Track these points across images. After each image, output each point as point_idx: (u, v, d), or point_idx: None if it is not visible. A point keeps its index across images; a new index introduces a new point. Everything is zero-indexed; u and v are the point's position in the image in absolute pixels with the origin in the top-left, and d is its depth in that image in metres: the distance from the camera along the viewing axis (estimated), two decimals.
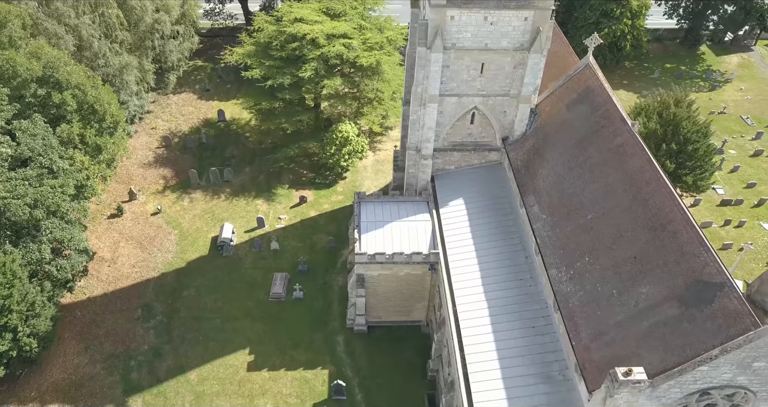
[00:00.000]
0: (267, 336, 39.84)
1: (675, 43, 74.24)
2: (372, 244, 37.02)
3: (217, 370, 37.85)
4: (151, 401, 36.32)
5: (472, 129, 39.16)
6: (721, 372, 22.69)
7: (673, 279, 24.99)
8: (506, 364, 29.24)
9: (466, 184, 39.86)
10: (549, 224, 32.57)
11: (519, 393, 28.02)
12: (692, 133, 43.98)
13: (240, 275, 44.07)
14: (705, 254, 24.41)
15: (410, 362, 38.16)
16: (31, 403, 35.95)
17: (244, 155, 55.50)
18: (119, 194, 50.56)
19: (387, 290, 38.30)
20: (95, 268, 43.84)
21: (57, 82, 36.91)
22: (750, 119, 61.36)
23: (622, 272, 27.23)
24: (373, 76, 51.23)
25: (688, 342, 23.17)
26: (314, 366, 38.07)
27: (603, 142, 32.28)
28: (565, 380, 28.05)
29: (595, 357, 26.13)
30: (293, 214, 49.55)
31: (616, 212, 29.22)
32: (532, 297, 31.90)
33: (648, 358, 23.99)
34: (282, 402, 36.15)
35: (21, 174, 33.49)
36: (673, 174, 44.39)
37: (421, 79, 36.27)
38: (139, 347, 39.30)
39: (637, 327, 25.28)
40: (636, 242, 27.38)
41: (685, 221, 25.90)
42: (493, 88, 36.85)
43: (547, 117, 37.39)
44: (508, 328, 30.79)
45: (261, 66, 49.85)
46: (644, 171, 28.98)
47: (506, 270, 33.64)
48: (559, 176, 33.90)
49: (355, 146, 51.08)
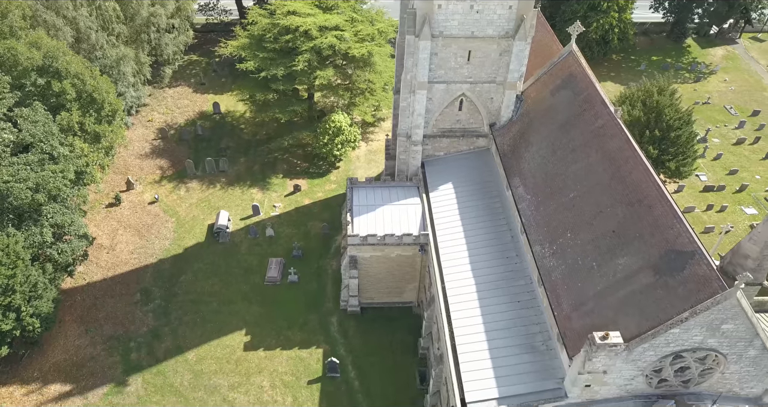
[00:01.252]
0: (263, 318, 41.01)
1: (661, 37, 75.77)
2: (364, 226, 38.23)
3: (215, 350, 39.00)
4: (151, 379, 37.43)
5: (461, 116, 40.40)
6: (692, 335, 24.02)
7: (649, 250, 26.31)
8: (492, 336, 30.50)
9: (455, 169, 41.11)
10: (533, 204, 33.87)
11: (504, 362, 29.26)
12: (674, 120, 45.40)
13: (236, 261, 45.21)
14: (678, 225, 25.73)
15: (402, 341, 39.40)
16: (33, 383, 37.00)
17: (239, 146, 56.62)
18: (117, 184, 51.62)
19: (379, 272, 39.51)
20: (94, 255, 44.91)
21: (57, 71, 37.97)
22: (733, 108, 62.87)
23: (602, 245, 28.55)
24: (364, 67, 52.50)
25: (661, 308, 24.48)
26: (309, 345, 39.26)
27: (585, 125, 33.58)
28: (548, 350, 29.33)
29: (576, 326, 27.43)
30: (288, 202, 50.71)
31: (596, 190, 30.54)
32: (518, 274, 33.20)
33: (624, 324, 25.28)
34: (278, 380, 37.33)
35: (23, 159, 34.55)
36: (657, 160, 45.84)
37: (411, 67, 37.48)
38: (138, 329, 40.39)
39: (615, 295, 26.59)
40: (614, 217, 28.70)
41: (660, 195, 27.22)
42: (480, 75, 38.08)
43: (532, 103, 38.68)
44: (495, 303, 32.06)
45: (255, 58, 51.02)
46: (623, 150, 30.30)
47: (493, 249, 34.93)
48: (543, 158, 35.20)
49: (348, 135, 52.27)
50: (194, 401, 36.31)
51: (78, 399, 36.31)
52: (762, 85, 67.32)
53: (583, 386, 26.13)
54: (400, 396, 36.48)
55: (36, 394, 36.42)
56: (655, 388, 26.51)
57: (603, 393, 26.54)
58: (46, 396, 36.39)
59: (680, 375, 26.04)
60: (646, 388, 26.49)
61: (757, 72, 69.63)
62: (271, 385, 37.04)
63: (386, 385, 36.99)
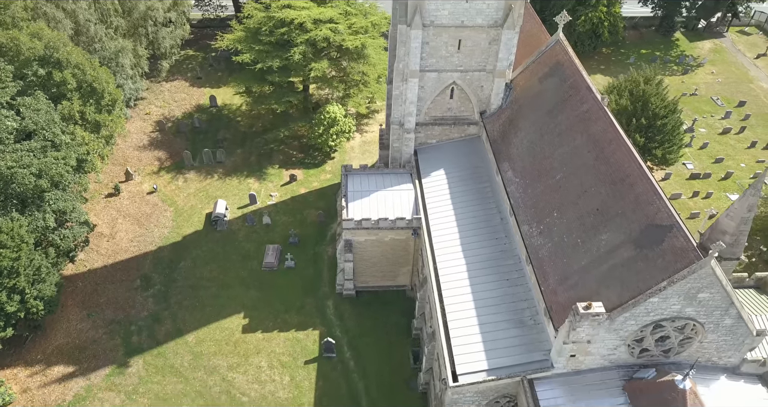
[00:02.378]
0: (260, 302, 42.06)
1: (650, 31, 77.09)
2: (358, 211, 39.34)
3: (214, 333, 40.03)
4: (152, 361, 38.44)
5: (452, 104, 41.54)
6: (670, 304, 25.22)
7: (630, 225, 27.50)
8: (482, 313, 31.66)
9: (446, 156, 42.26)
10: (522, 187, 35.04)
11: (493, 337, 30.42)
12: (660, 108, 46.67)
13: (234, 248, 46.24)
14: (658, 201, 26.93)
15: (396, 322, 40.52)
16: (37, 365, 37.96)
17: (236, 138, 57.62)
18: (116, 174, 52.56)
19: (373, 256, 40.62)
20: (95, 242, 45.86)
21: (57, 61, 38.93)
22: (720, 99, 64.22)
23: (586, 223, 29.74)
24: (358, 59, 53.60)
25: (641, 279, 25.66)
26: (305, 327, 40.34)
27: (571, 109, 34.77)
28: (535, 324, 30.50)
29: (561, 299, 28.60)
30: (284, 191, 51.76)
31: (581, 171, 31.72)
32: (506, 254, 34.37)
33: (607, 295, 26.46)
34: (275, 360, 38.39)
35: (26, 146, 35.54)
36: (644, 148, 47.09)
37: (403, 56, 38.61)
38: (138, 313, 41.38)
39: (598, 269, 27.78)
40: (598, 196, 29.89)
41: (641, 174, 28.42)
42: (470, 64, 39.23)
43: (521, 91, 39.86)
44: (484, 281, 33.21)
45: (251, 51, 52.04)
46: (606, 132, 31.50)
47: (483, 231, 36.08)
48: (531, 143, 36.37)
49: (343, 126, 53.34)
50: (194, 381, 37.34)
51: (81, 379, 37.29)
52: (748, 77, 68.71)
53: (569, 356, 27.32)
54: (395, 375, 37.59)
55: (40, 375, 37.39)
56: (638, 358, 27.70)
57: (587, 363, 27.73)
58: (49, 377, 37.36)
59: (661, 345, 27.24)
60: (629, 358, 27.68)
61: (743, 64, 71.01)
62: (269, 365, 38.11)
63: (381, 365, 38.10)
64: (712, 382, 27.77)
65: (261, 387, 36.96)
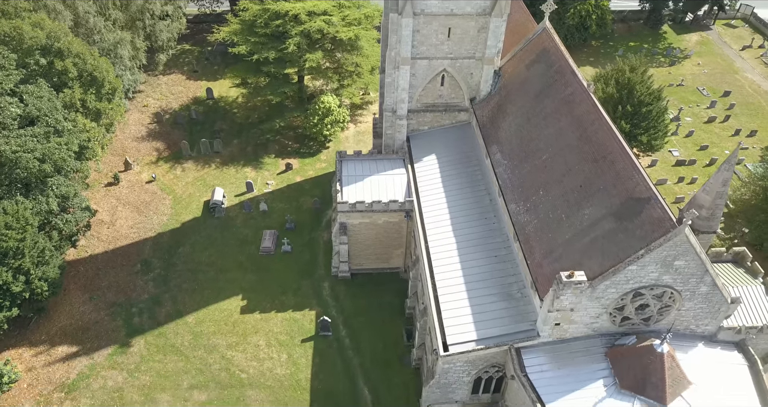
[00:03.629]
0: (258, 285, 43.24)
1: (639, 24, 78.62)
2: (353, 194, 40.56)
3: (213, 314, 41.21)
4: (153, 341, 39.60)
5: (443, 91, 42.82)
6: (648, 271, 26.55)
7: (611, 199, 28.85)
8: (471, 287, 32.96)
9: (438, 142, 43.55)
10: (510, 168, 36.37)
11: (482, 309, 31.73)
12: (645, 95, 48.06)
13: (231, 234, 47.42)
14: (637, 176, 28.27)
15: (390, 302, 41.79)
16: (41, 345, 39.07)
17: (232, 129, 58.79)
18: (115, 164, 53.67)
19: (367, 238, 41.86)
20: (96, 229, 46.97)
21: (59, 50, 40.04)
22: (705, 90, 65.75)
23: (570, 199, 31.07)
24: (352, 50, 54.84)
25: (621, 249, 27.00)
26: (302, 308, 41.56)
27: (556, 93, 36.10)
28: (522, 297, 31.82)
29: (546, 272, 29.91)
30: (280, 180, 52.96)
31: (565, 151, 33.05)
32: (495, 232, 35.69)
33: (589, 265, 27.79)
34: (273, 339, 39.60)
35: (29, 132, 36.64)
36: (629, 134, 48.45)
37: (394, 44, 39.86)
38: (139, 296, 42.53)
39: (581, 242, 29.12)
40: (582, 173, 31.23)
41: (621, 151, 29.76)
42: (460, 52, 40.52)
43: (509, 77, 41.17)
44: (474, 259, 34.52)
45: (247, 42, 53.25)
46: (589, 114, 32.84)
47: (472, 212, 37.40)
48: (519, 126, 37.70)
49: (337, 116, 54.59)
50: (194, 359, 38.51)
51: (84, 359, 38.42)
52: (734, 68, 70.26)
53: (553, 324, 28.64)
54: (389, 352, 38.84)
55: (44, 355, 38.50)
56: (619, 326, 29.05)
57: (572, 331, 29.05)
58: (53, 356, 38.48)
59: (641, 313, 28.58)
60: (611, 326, 29.02)
61: (729, 56, 72.57)
62: (266, 344, 39.31)
63: (375, 342, 39.35)
64: (690, 349, 29.14)
65: (259, 365, 38.17)
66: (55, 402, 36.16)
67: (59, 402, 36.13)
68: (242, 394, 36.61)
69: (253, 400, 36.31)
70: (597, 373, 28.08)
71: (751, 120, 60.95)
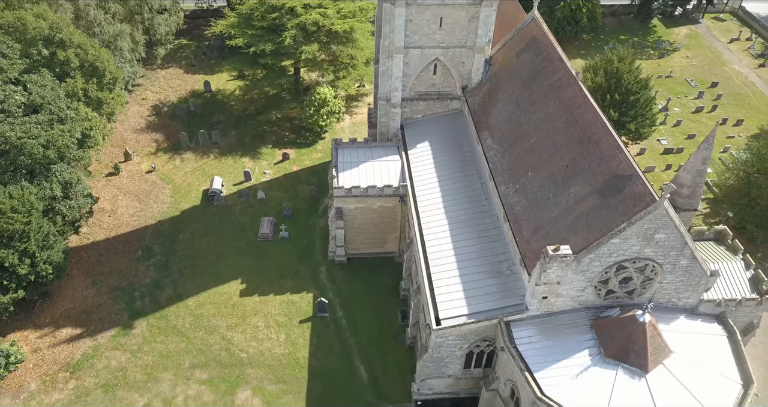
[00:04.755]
0: (257, 269, 44.39)
1: (629, 18, 79.98)
2: (348, 179, 41.76)
3: (213, 297, 42.34)
4: (155, 323, 40.72)
5: (435, 79, 44.03)
6: (630, 245, 27.80)
7: (595, 178, 30.10)
8: (463, 266, 34.19)
9: (431, 129, 44.76)
10: (500, 152, 37.61)
11: (473, 286, 32.96)
12: (633, 84, 49.39)
13: (230, 221, 48.56)
14: (620, 154, 29.53)
15: (385, 285, 43.01)
16: (46, 327, 40.14)
17: (230, 121, 59.89)
18: (115, 155, 54.72)
19: (363, 223, 43.05)
20: (97, 217, 48.02)
21: (61, 41, 41.07)
22: (694, 81, 67.14)
23: (557, 179, 32.32)
24: (347, 43, 55.98)
25: (605, 223, 28.24)
26: (300, 291, 42.73)
27: (544, 79, 37.35)
28: (512, 273, 33.06)
29: (534, 248, 31.15)
30: (277, 169, 54.11)
31: (553, 133, 34.31)
32: (486, 214, 36.93)
33: (575, 240, 29.01)
34: (272, 321, 40.77)
35: (34, 119, 37.68)
36: (618, 122, 49.75)
37: (388, 33, 41.04)
38: (141, 281, 43.63)
39: (567, 218, 30.37)
40: (568, 154, 32.48)
41: (605, 132, 31.02)
42: (451, 41, 41.72)
43: (499, 66, 42.41)
44: (465, 239, 35.75)
45: (244, 35, 54.41)
46: (576, 98, 34.10)
47: (464, 195, 38.64)
48: (509, 112, 38.93)
49: (333, 107, 55.74)
50: (196, 340, 39.64)
51: (88, 340, 39.51)
52: (721, 60, 71.68)
53: (541, 298, 29.88)
54: (384, 332, 40.07)
55: (49, 337, 39.58)
56: (604, 299, 30.30)
57: (558, 305, 30.30)
58: (58, 338, 39.56)
59: (624, 286, 29.84)
60: (597, 300, 30.28)
61: (717, 48, 73.99)
62: (265, 325, 40.48)
63: (371, 323, 40.57)
64: (672, 321, 30.41)
65: (259, 344, 39.34)
66: (61, 381, 37.25)
67: (64, 381, 37.22)
68: (242, 372, 37.76)
69: (253, 378, 37.47)
70: (583, 344, 29.32)
71: (738, 110, 62.36)
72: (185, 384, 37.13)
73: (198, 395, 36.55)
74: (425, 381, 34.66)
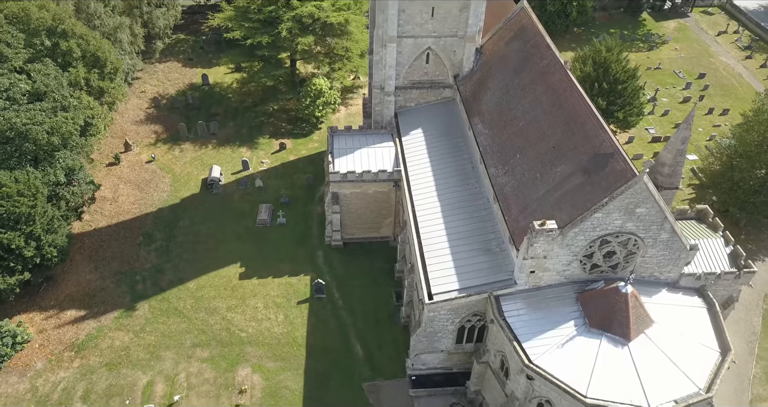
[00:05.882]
0: (255, 254, 45.62)
1: (619, 12, 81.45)
2: (344, 165, 43.02)
3: (213, 280, 43.54)
4: (156, 305, 41.91)
5: (428, 68, 45.31)
6: (612, 219, 29.15)
7: (580, 157, 31.45)
8: (454, 245, 35.49)
9: (424, 117, 46.06)
10: (490, 136, 38.93)
11: (464, 263, 34.26)
12: (620, 73, 50.77)
13: (229, 208, 49.77)
14: (603, 134, 30.89)
15: (380, 268, 44.29)
16: (51, 310, 41.28)
17: (228, 112, 61.09)
18: (115, 146, 55.83)
19: (358, 208, 44.31)
20: (99, 205, 49.17)
21: (63, 31, 42.23)
22: (682, 72, 68.64)
23: (544, 159, 33.66)
24: (342, 35, 57.23)
25: (589, 199, 29.58)
26: (297, 273, 43.97)
27: (533, 65, 38.69)
28: (501, 251, 34.38)
29: (522, 225, 32.45)
30: (274, 159, 55.35)
31: (540, 117, 35.65)
32: (477, 196, 38.26)
33: (560, 217, 30.34)
34: (270, 302, 42.01)
35: (38, 106, 38.86)
36: (606, 111, 51.13)
37: (382, 23, 42.31)
38: (142, 266, 44.79)
39: (553, 196, 31.71)
40: (554, 136, 33.82)
41: (590, 113, 32.38)
42: (443, 30, 43.00)
43: (490, 54, 43.73)
44: (456, 220, 37.06)
45: (241, 28, 55.69)
46: (562, 82, 35.45)
47: (456, 178, 39.96)
48: (499, 98, 40.26)
49: (329, 97, 57.01)
50: (196, 320, 40.86)
51: (92, 321, 40.68)
52: (709, 52, 73.20)
53: (529, 272, 31.20)
54: (379, 312, 41.36)
55: (54, 318, 40.73)
56: (589, 273, 31.64)
57: (546, 279, 31.63)
58: (63, 319, 40.71)
59: (608, 260, 31.18)
60: (582, 274, 31.61)
61: (705, 41, 75.53)
62: (264, 306, 41.72)
63: (366, 303, 41.85)
64: (654, 294, 31.79)
65: (258, 324, 40.58)
66: (66, 360, 38.42)
67: (70, 360, 38.40)
68: (242, 351, 39.00)
69: (253, 356, 38.70)
70: (569, 315, 30.66)
71: (724, 100, 63.85)
72: (187, 362, 38.34)
73: (199, 372, 37.77)
74: (419, 357, 35.98)
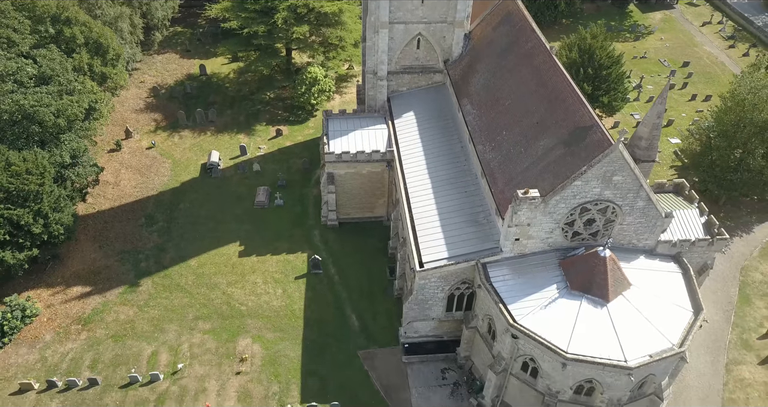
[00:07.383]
0: (254, 233, 47.34)
1: (607, 4, 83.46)
2: (338, 146, 44.78)
3: (213, 258, 45.25)
4: (159, 281, 43.58)
5: (419, 53, 47.10)
6: (591, 187, 30.98)
7: (561, 131, 33.29)
8: (444, 217, 37.31)
9: (415, 101, 47.86)
10: (478, 116, 40.76)
11: (453, 233, 36.09)
12: (605, 58, 52.66)
13: (228, 191, 51.46)
14: (582, 109, 32.73)
15: (374, 245, 46.08)
16: (57, 286, 42.91)
17: (225, 101, 62.76)
18: (116, 133, 57.45)
19: (353, 188, 46.06)
20: (101, 189, 50.80)
21: (67, 19, 43.84)
22: (667, 61, 70.66)
23: (528, 135, 35.50)
24: (336, 25, 58.99)
25: (569, 169, 31.40)
26: (295, 251, 45.73)
27: (518, 48, 40.53)
28: (488, 222, 36.22)
29: (508, 197, 34.24)
30: (271, 144, 57.05)
31: (525, 96, 37.49)
32: (465, 172, 40.10)
33: (543, 186, 32.16)
34: (269, 277, 43.74)
35: (44, 90, 40.45)
36: (591, 96, 53.05)
37: (374, 9, 44.05)
38: (145, 245, 46.45)
39: (536, 168, 33.54)
40: (538, 113, 35.66)
41: (571, 90, 34.22)
42: (433, 16, 44.79)
43: (478, 39, 45.57)
44: (446, 194, 38.89)
45: (238, 18, 57.39)
46: (545, 62, 37.29)
47: (445, 157, 41.77)
48: (486, 80, 42.09)
49: (323, 85, 58.76)
50: (198, 295, 42.55)
51: (98, 297, 42.33)
52: (694, 42, 75.25)
53: (514, 240, 33.03)
54: (374, 286, 43.13)
55: (61, 294, 42.36)
56: (571, 241, 33.49)
57: (530, 246, 33.47)
58: (69, 295, 42.34)
59: (589, 228, 33.04)
60: (564, 241, 33.46)
61: (689, 31, 77.60)
62: (263, 281, 43.44)
63: (361, 278, 43.62)
64: (632, 260, 33.65)
65: (257, 299, 42.30)
66: (73, 332, 40.06)
67: (77, 333, 40.04)
68: (242, 323, 40.72)
69: (253, 327, 40.42)
70: (551, 280, 32.50)
71: (707, 87, 65.89)
72: (190, 334, 40.03)
73: (202, 343, 39.47)
74: (411, 324, 37.79)
